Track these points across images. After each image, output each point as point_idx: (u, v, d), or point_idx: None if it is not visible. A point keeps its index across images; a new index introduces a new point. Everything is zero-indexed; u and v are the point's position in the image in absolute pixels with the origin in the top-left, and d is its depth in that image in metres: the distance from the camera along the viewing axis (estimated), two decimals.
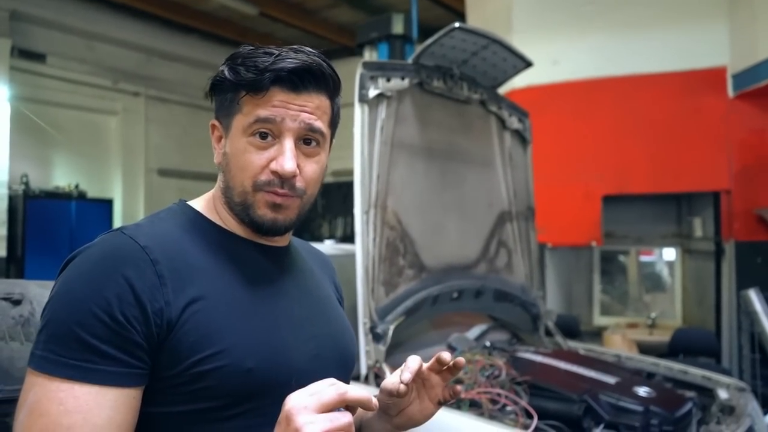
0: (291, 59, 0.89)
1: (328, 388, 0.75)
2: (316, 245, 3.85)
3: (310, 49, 0.94)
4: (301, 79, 0.90)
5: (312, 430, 0.71)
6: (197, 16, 7.95)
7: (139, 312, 0.80)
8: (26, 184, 6.74)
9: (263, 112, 0.89)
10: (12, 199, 6.50)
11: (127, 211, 7.83)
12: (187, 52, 8.39)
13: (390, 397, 0.96)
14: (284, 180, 0.91)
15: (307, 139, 0.93)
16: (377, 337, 2.42)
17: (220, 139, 0.97)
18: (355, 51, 5.60)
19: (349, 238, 2.60)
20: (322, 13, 8.00)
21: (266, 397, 0.87)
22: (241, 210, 0.94)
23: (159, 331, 0.81)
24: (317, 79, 0.92)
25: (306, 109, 0.91)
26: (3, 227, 6.24)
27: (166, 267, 0.84)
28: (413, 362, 0.94)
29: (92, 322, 0.78)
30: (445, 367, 0.97)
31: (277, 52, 0.90)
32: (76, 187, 7.27)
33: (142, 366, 0.81)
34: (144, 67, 8.27)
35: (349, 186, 2.57)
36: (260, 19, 7.82)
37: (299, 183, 0.93)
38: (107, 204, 7.66)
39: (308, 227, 9.20)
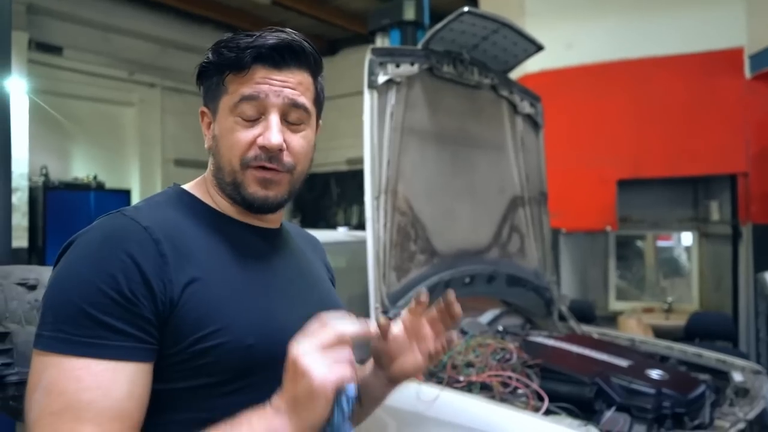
0: (271, 37, 0.92)
1: (326, 329, 0.80)
2: (329, 232, 3.86)
3: (291, 30, 0.96)
4: (281, 56, 0.93)
5: (318, 366, 0.77)
6: (211, 6, 7.97)
7: (145, 289, 0.82)
8: (46, 175, 6.85)
9: (247, 90, 0.92)
10: (32, 191, 6.60)
11: None
12: (201, 43, 8.39)
13: (378, 340, 1.01)
14: (271, 154, 0.93)
15: (292, 116, 0.95)
16: None
17: (209, 125, 1.00)
18: (368, 38, 5.58)
19: (363, 225, 2.62)
20: (335, 0, 7.98)
21: (263, 373, 0.89)
22: (232, 189, 0.96)
23: (164, 309, 0.83)
24: (298, 56, 0.94)
25: (288, 84, 0.93)
26: (24, 218, 6.35)
27: (167, 247, 0.86)
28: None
29: (102, 300, 0.80)
30: (436, 313, 1.03)
31: (258, 33, 0.93)
32: (95, 178, 7.36)
33: (153, 341, 0.83)
34: (159, 58, 8.32)
35: (363, 174, 2.57)
36: (273, 8, 7.82)
37: (287, 158, 0.95)
38: (125, 194, 7.75)
39: (324, 215, 9.25)
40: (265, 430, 0.79)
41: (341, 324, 0.81)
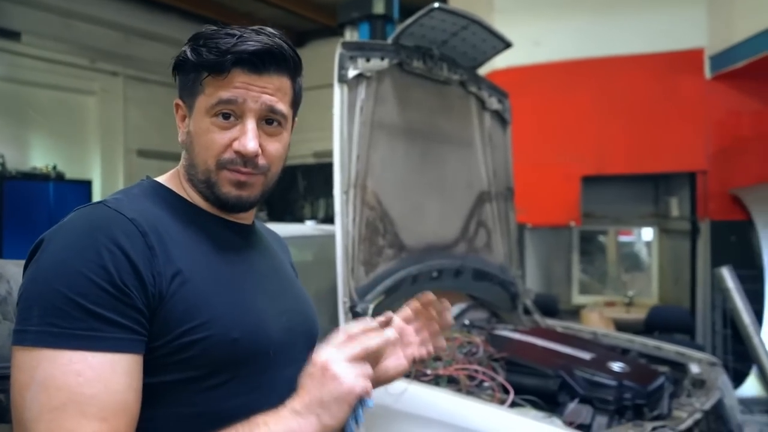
0: (252, 41, 0.91)
1: (354, 343, 0.85)
2: (297, 226, 3.83)
3: (272, 31, 0.95)
4: (262, 61, 0.92)
5: (348, 374, 0.82)
6: None
7: (136, 281, 0.81)
8: (2, 165, 6.63)
9: (225, 94, 0.91)
10: None
11: (106, 192, 7.72)
12: (166, 31, 8.23)
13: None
14: (246, 159, 0.93)
15: (269, 120, 0.95)
16: (357, 317, 2.44)
17: (184, 118, 0.99)
18: (336, 31, 5.55)
19: (330, 219, 2.61)
20: None
21: (246, 366, 0.90)
22: (205, 188, 0.96)
23: (153, 301, 0.83)
24: (278, 61, 0.94)
25: (267, 90, 0.93)
26: None
27: (153, 239, 0.86)
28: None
29: (95, 291, 0.78)
30: (427, 316, 1.09)
31: (239, 34, 0.91)
32: (54, 168, 7.16)
33: (145, 333, 0.82)
34: (122, 46, 8.11)
35: (330, 167, 2.56)
36: None
37: (262, 161, 0.95)
38: (86, 185, 7.56)
39: (290, 208, 9.18)
40: (284, 431, 0.80)
41: (367, 339, 0.86)
